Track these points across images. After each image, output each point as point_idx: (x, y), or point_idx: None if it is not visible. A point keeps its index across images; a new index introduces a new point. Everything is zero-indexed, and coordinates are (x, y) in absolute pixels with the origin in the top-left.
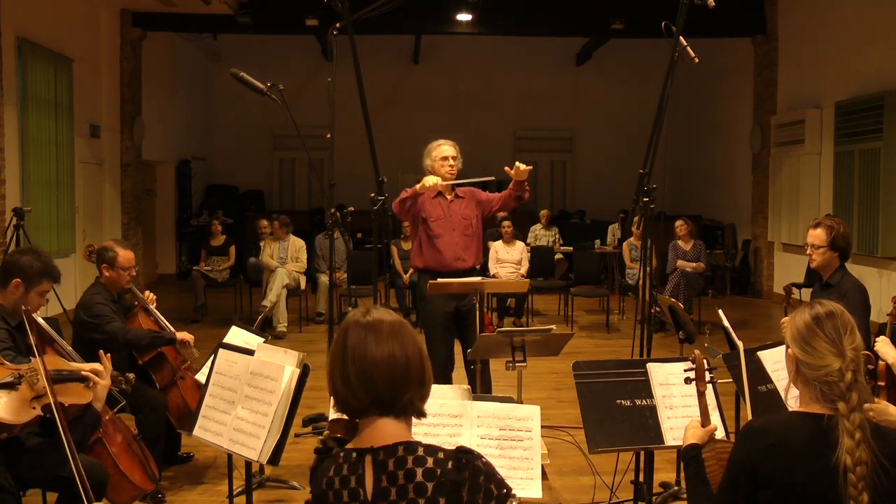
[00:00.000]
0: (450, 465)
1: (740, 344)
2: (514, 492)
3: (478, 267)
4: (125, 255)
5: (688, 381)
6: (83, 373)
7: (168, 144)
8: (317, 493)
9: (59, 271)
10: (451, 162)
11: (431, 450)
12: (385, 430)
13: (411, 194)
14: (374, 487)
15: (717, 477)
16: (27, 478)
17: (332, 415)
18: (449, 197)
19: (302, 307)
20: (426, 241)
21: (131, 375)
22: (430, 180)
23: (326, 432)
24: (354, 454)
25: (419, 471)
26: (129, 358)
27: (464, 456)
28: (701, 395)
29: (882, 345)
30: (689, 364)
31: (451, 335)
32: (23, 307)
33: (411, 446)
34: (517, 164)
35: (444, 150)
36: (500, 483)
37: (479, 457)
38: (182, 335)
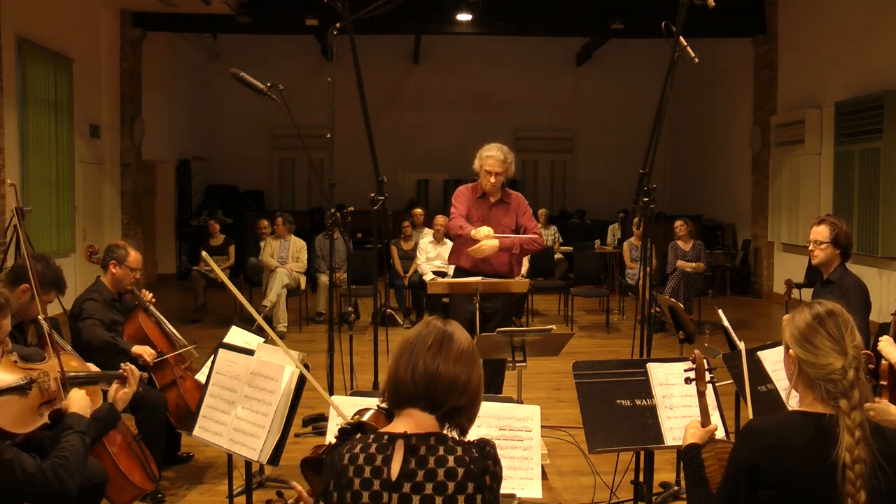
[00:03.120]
0: (475, 453)
1: (742, 344)
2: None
3: (514, 275)
4: (135, 256)
5: (688, 380)
6: (131, 371)
7: (168, 144)
8: (336, 468)
9: (66, 284)
10: (493, 180)
11: (459, 441)
12: (421, 422)
13: (466, 235)
14: (400, 468)
15: (717, 477)
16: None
17: (332, 414)
18: (492, 199)
19: (302, 307)
20: (461, 241)
21: (144, 375)
22: (486, 241)
23: (356, 416)
24: (386, 437)
25: (451, 458)
26: (130, 357)
27: (486, 445)
28: (701, 394)
29: (885, 344)
30: (689, 364)
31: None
32: (39, 313)
33: (442, 436)
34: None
35: (489, 164)
36: (500, 467)
37: (494, 446)
38: (139, 349)
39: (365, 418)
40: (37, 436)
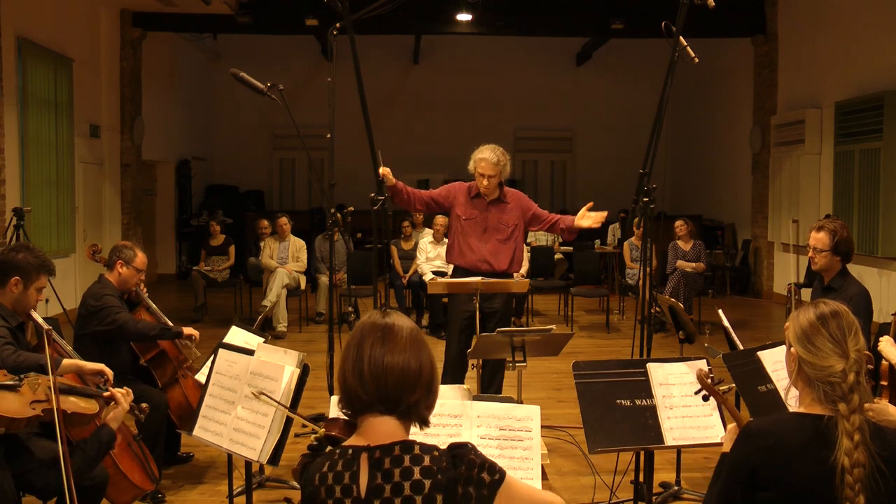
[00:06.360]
0: (444, 462)
1: (766, 347)
2: (506, 473)
3: (514, 273)
4: (143, 258)
5: (705, 398)
6: (115, 394)
7: (168, 144)
8: (308, 489)
9: (54, 265)
10: (486, 182)
11: (427, 448)
12: (383, 430)
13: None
14: (367, 484)
15: None
16: (31, 474)
17: (332, 414)
18: (488, 199)
19: (302, 307)
20: (457, 239)
21: (145, 406)
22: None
23: (322, 430)
24: (350, 451)
25: (416, 469)
26: (132, 356)
27: (457, 451)
28: (720, 403)
29: (885, 344)
30: (696, 385)
31: (468, 336)
32: (34, 304)
33: (408, 445)
34: (591, 214)
35: (482, 167)
36: (492, 469)
37: (472, 449)
38: (189, 330)
39: (335, 432)
40: (26, 441)
